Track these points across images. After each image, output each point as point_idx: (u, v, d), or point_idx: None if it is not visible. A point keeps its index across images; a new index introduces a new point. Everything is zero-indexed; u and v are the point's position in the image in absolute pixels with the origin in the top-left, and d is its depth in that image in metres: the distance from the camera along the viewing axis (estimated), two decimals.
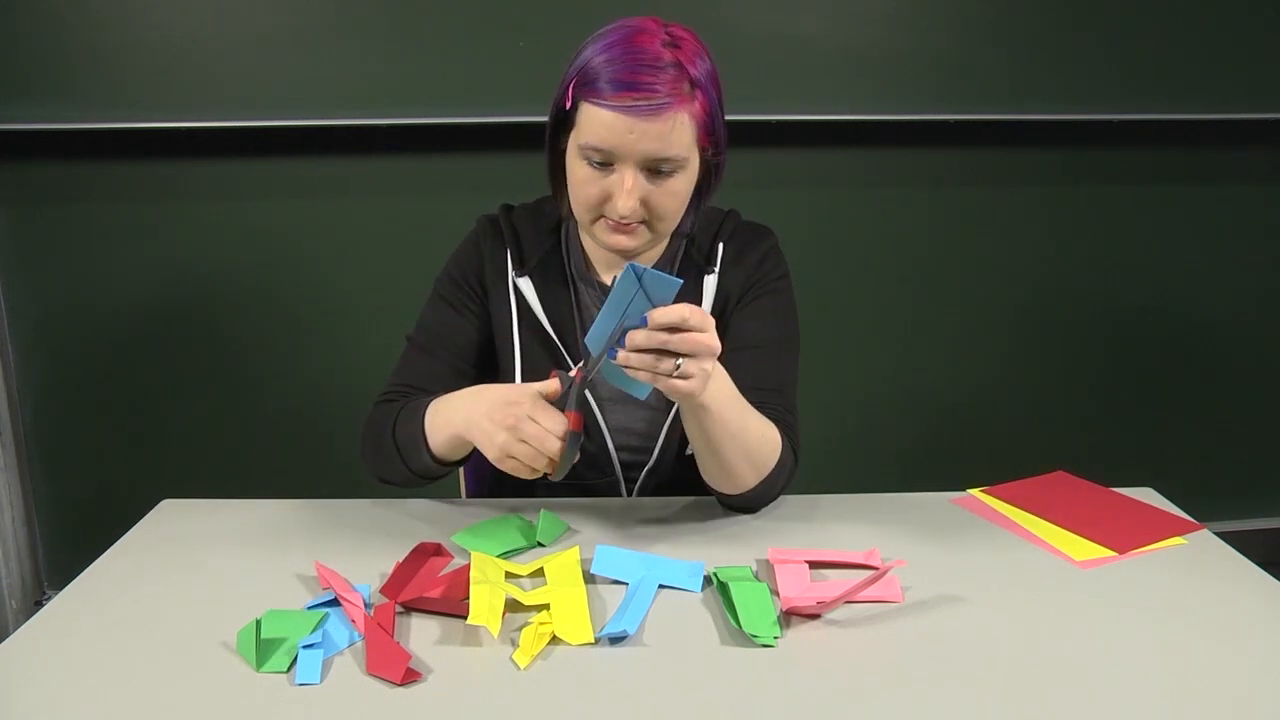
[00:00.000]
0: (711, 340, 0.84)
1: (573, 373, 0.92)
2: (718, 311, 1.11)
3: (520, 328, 1.11)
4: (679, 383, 0.84)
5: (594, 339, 0.87)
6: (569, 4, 1.81)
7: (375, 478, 1.09)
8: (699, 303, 1.10)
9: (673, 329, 0.82)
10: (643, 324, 0.83)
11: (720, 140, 1.02)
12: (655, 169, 0.96)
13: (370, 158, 1.96)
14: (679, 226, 1.10)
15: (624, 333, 0.84)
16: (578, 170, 0.99)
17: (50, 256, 1.96)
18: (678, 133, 0.95)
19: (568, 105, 0.97)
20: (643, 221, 1.00)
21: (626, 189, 0.96)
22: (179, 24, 1.83)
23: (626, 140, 0.93)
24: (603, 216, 1.00)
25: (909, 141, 2.07)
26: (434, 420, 0.99)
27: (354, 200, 1.99)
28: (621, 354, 0.83)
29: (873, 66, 1.99)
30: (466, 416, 0.94)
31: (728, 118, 1.03)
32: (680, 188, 0.99)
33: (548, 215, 1.14)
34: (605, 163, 0.96)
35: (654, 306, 0.83)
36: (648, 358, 0.83)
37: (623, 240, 1.01)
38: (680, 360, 0.83)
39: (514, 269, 1.11)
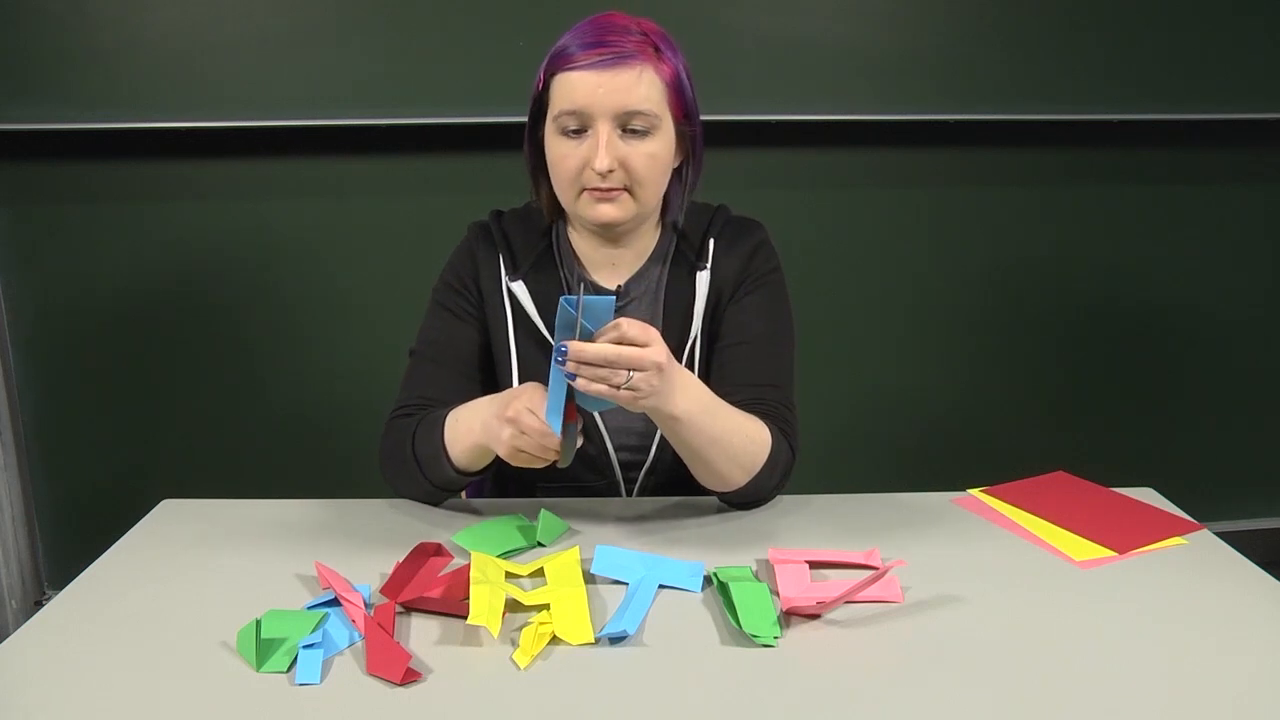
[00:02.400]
0: (654, 354, 0.86)
1: None
2: (710, 307, 1.12)
3: (516, 331, 1.11)
4: (626, 394, 0.87)
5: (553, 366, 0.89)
6: (569, 4, 1.81)
7: (397, 493, 1.09)
8: (692, 299, 1.11)
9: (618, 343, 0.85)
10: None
11: (693, 115, 1.05)
12: (628, 126, 0.99)
13: (370, 158, 1.96)
14: (668, 212, 1.10)
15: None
16: (556, 148, 1.02)
17: (50, 256, 1.96)
18: (646, 85, 0.98)
19: (540, 87, 1.02)
20: (624, 189, 1.01)
21: (602, 143, 0.98)
22: (179, 24, 1.83)
23: (596, 95, 0.97)
24: (585, 190, 1.01)
25: (909, 141, 2.07)
26: (454, 431, 1.00)
27: (354, 200, 1.99)
28: (574, 372, 0.85)
29: (873, 66, 1.99)
30: (483, 421, 0.96)
31: (730, 117, 1.04)
32: (655, 150, 1.01)
33: (538, 218, 1.15)
34: (581, 129, 0.99)
35: (594, 329, 0.86)
36: (600, 371, 0.85)
37: (608, 210, 1.02)
38: (629, 374, 0.85)
39: (507, 273, 1.11)
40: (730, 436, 0.97)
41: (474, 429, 0.98)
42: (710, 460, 0.98)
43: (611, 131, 0.98)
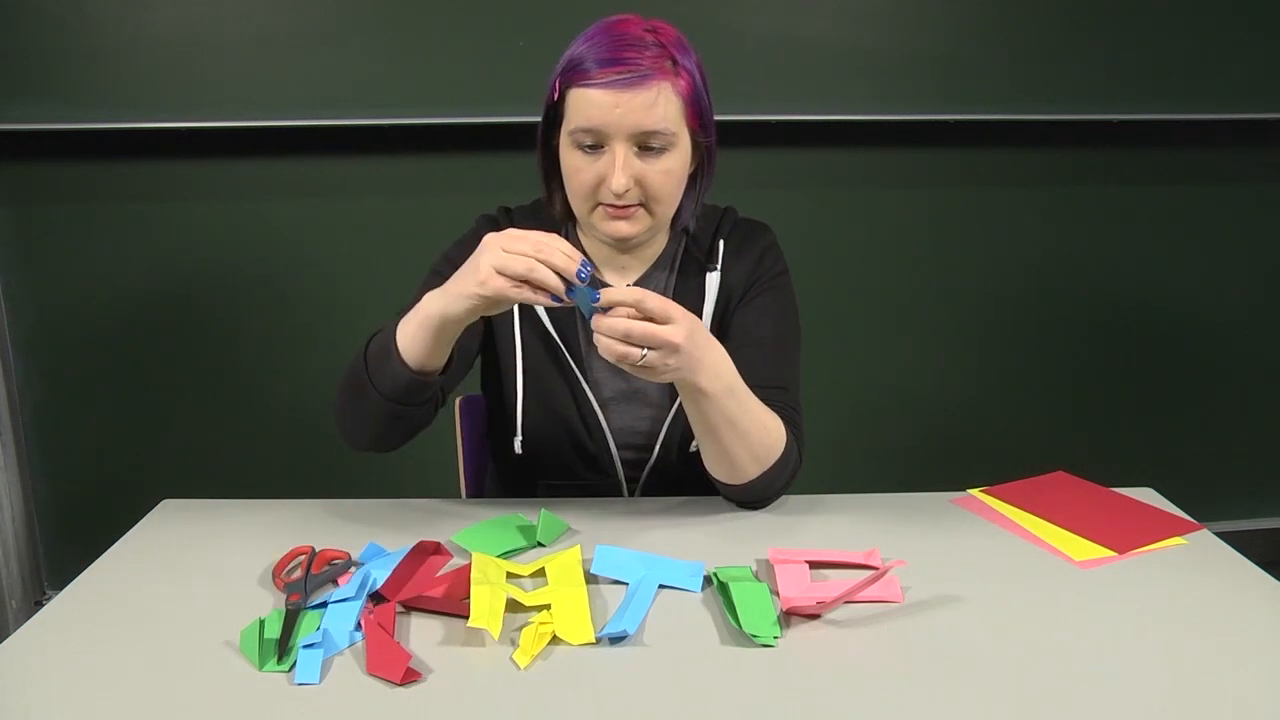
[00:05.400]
0: (670, 333, 0.85)
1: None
2: (720, 309, 1.11)
3: (522, 326, 1.11)
4: (644, 369, 0.87)
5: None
6: (569, 4, 1.81)
7: (350, 440, 1.03)
8: (701, 301, 1.10)
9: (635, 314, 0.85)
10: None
11: (709, 124, 1.03)
12: (645, 145, 0.98)
13: (370, 158, 1.96)
14: (680, 219, 1.10)
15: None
16: (570, 160, 1.00)
17: (50, 256, 1.96)
18: (663, 105, 0.96)
19: (555, 97, 1.00)
20: (640, 204, 1.01)
21: (619, 164, 0.97)
22: (179, 24, 1.83)
23: (614, 115, 0.95)
24: (599, 204, 1.01)
25: (909, 141, 2.07)
26: (406, 318, 0.93)
27: (354, 200, 1.99)
28: (597, 322, 0.86)
29: (873, 66, 1.99)
30: (444, 288, 0.90)
31: (730, 118, 1.03)
32: (672, 166, 1.00)
33: (547, 216, 1.14)
34: (596, 145, 0.98)
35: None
36: (618, 347, 0.85)
37: (622, 226, 1.01)
38: (645, 351, 0.85)
39: None
40: (749, 421, 0.97)
41: (430, 300, 0.90)
42: (727, 444, 0.97)
43: (628, 151, 0.97)
